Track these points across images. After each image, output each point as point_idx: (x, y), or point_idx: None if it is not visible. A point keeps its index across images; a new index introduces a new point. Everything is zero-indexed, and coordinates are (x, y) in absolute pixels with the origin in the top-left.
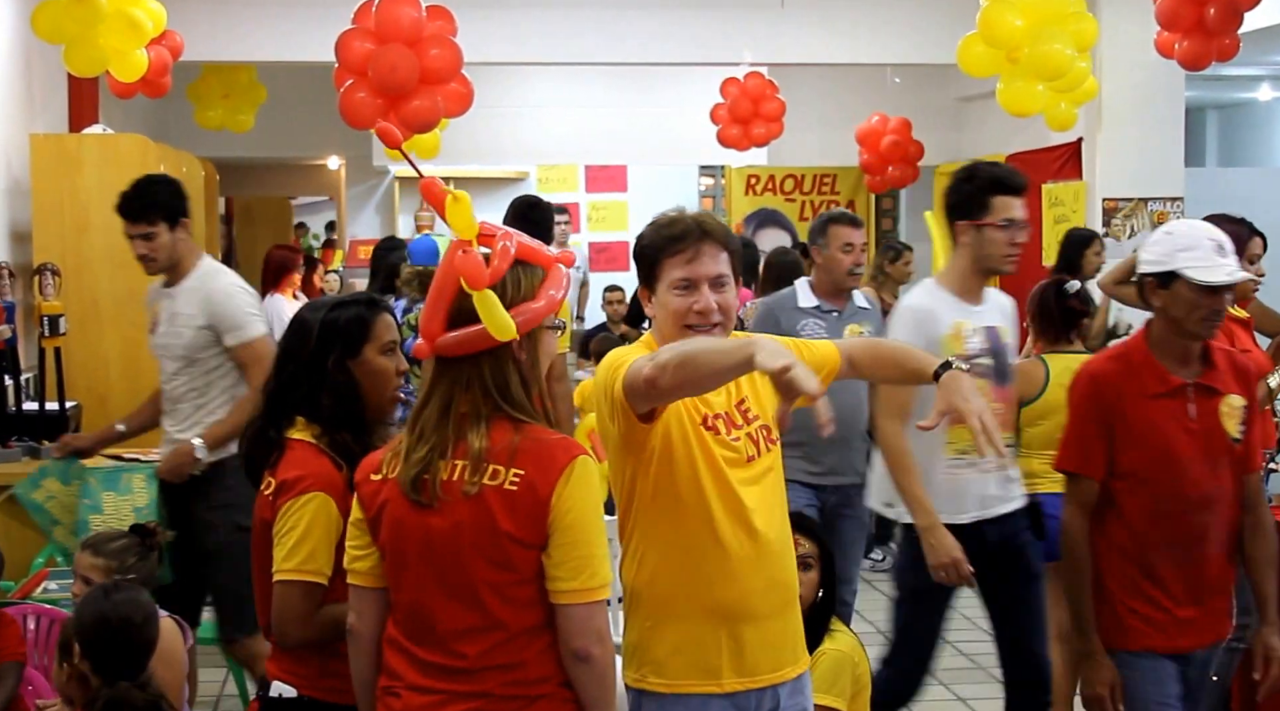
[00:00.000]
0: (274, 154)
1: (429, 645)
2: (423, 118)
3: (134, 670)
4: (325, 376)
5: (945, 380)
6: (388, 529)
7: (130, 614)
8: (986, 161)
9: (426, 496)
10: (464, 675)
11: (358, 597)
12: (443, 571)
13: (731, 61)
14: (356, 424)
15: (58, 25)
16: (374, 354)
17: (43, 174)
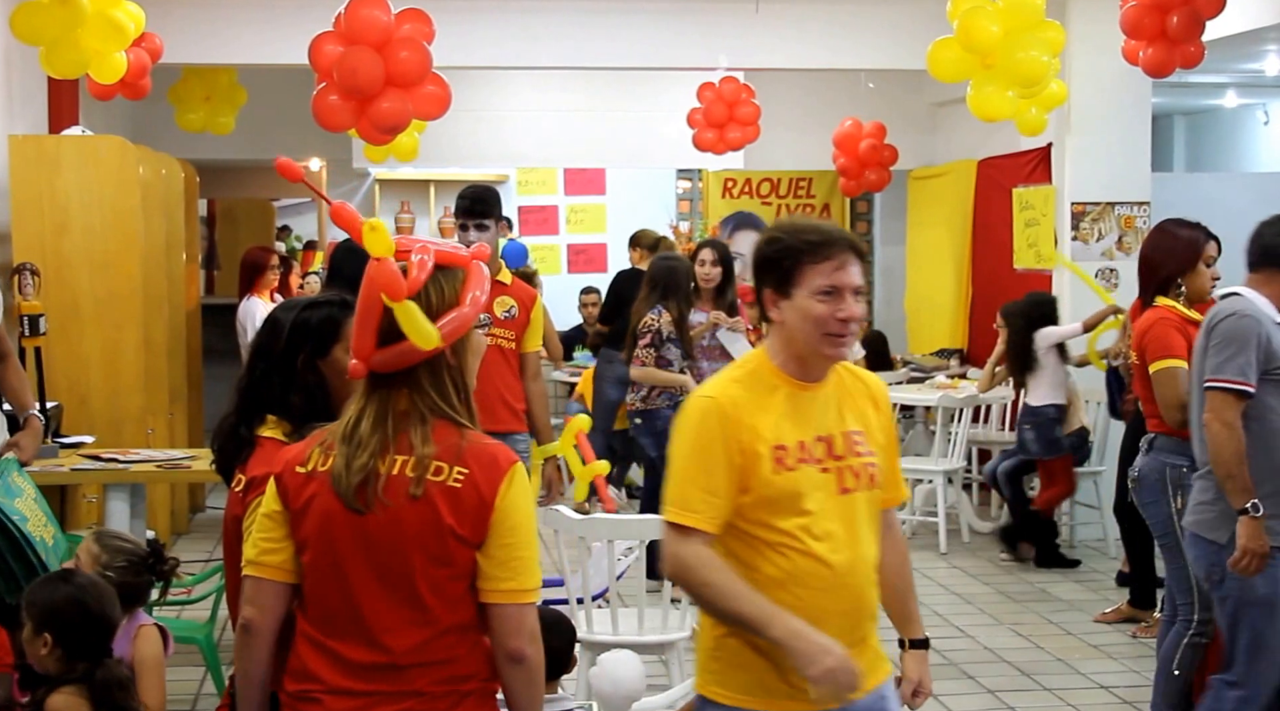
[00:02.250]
0: (255, 156)
1: (354, 641)
2: (390, 120)
3: (105, 650)
4: (295, 375)
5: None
6: (316, 522)
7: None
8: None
9: (364, 502)
10: (392, 672)
11: (261, 591)
12: (378, 565)
13: (707, 66)
14: (325, 422)
15: (37, 27)
16: (343, 354)
17: (21, 175)
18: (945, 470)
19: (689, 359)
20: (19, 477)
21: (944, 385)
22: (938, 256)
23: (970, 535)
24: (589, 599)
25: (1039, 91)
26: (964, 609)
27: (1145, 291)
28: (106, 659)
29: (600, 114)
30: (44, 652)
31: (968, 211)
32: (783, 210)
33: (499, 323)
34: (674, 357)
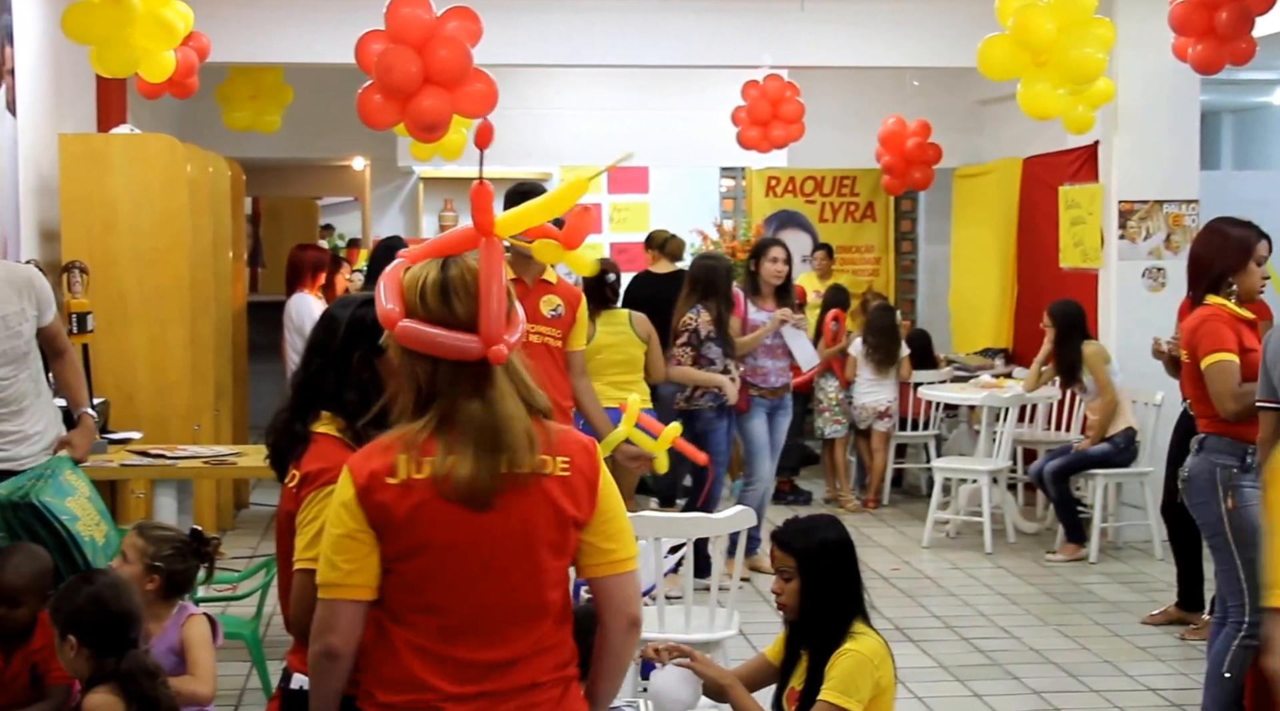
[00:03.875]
0: (300, 154)
1: (476, 642)
2: (429, 118)
3: (129, 643)
4: (350, 372)
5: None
6: (428, 530)
7: (114, 593)
8: None
9: (492, 503)
10: (511, 667)
11: (343, 615)
12: (504, 564)
13: (751, 64)
14: (380, 421)
15: (87, 26)
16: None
17: (71, 173)
18: (990, 470)
19: (731, 358)
20: (72, 475)
21: (989, 384)
22: (982, 255)
23: (1015, 535)
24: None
25: (1088, 89)
26: (1009, 609)
27: (1195, 290)
28: (131, 650)
29: (644, 112)
30: (73, 656)
31: (1013, 210)
32: (826, 208)
33: (546, 321)
34: (715, 356)
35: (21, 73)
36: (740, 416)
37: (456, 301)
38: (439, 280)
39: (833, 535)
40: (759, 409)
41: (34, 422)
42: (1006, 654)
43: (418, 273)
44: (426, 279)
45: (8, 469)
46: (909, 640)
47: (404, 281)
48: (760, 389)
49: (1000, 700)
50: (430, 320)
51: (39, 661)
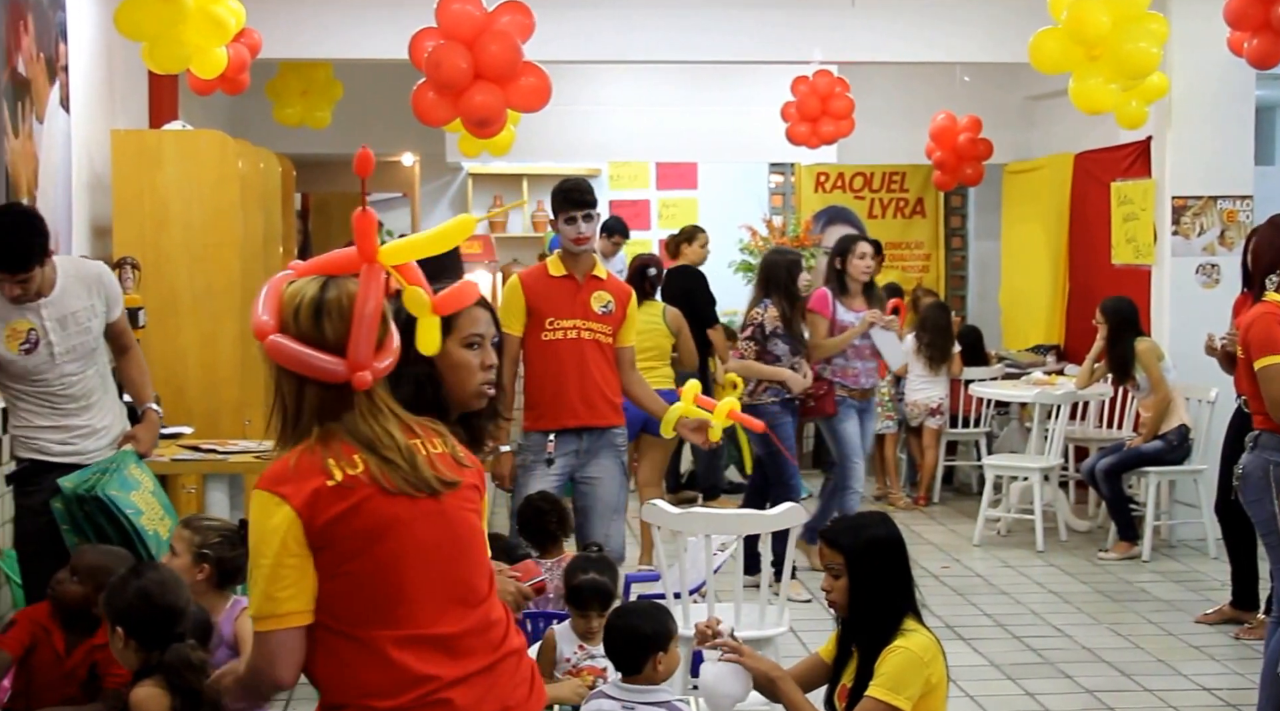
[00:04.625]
0: (350, 150)
1: (455, 610)
2: (480, 113)
3: (175, 636)
4: (406, 365)
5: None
6: (375, 520)
7: (164, 589)
8: None
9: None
10: (487, 638)
11: (288, 643)
12: (455, 535)
13: (801, 60)
14: (436, 414)
15: (140, 22)
16: (455, 346)
17: (123, 169)
18: (1042, 468)
19: (799, 354)
20: (137, 469)
21: (1041, 381)
22: (1033, 251)
23: (1067, 533)
24: (686, 593)
25: (1142, 83)
26: (1061, 608)
27: (1253, 285)
28: (175, 643)
29: (693, 108)
30: (122, 646)
31: (1064, 205)
32: (875, 204)
33: (596, 317)
34: (782, 353)
35: (75, 70)
36: (830, 420)
37: (328, 323)
38: (315, 299)
39: (882, 532)
40: (849, 410)
41: (101, 417)
42: (1059, 652)
43: (298, 289)
44: (304, 296)
45: (74, 463)
46: (960, 638)
47: (284, 295)
48: (849, 390)
49: (1053, 699)
50: (301, 338)
51: (100, 659)
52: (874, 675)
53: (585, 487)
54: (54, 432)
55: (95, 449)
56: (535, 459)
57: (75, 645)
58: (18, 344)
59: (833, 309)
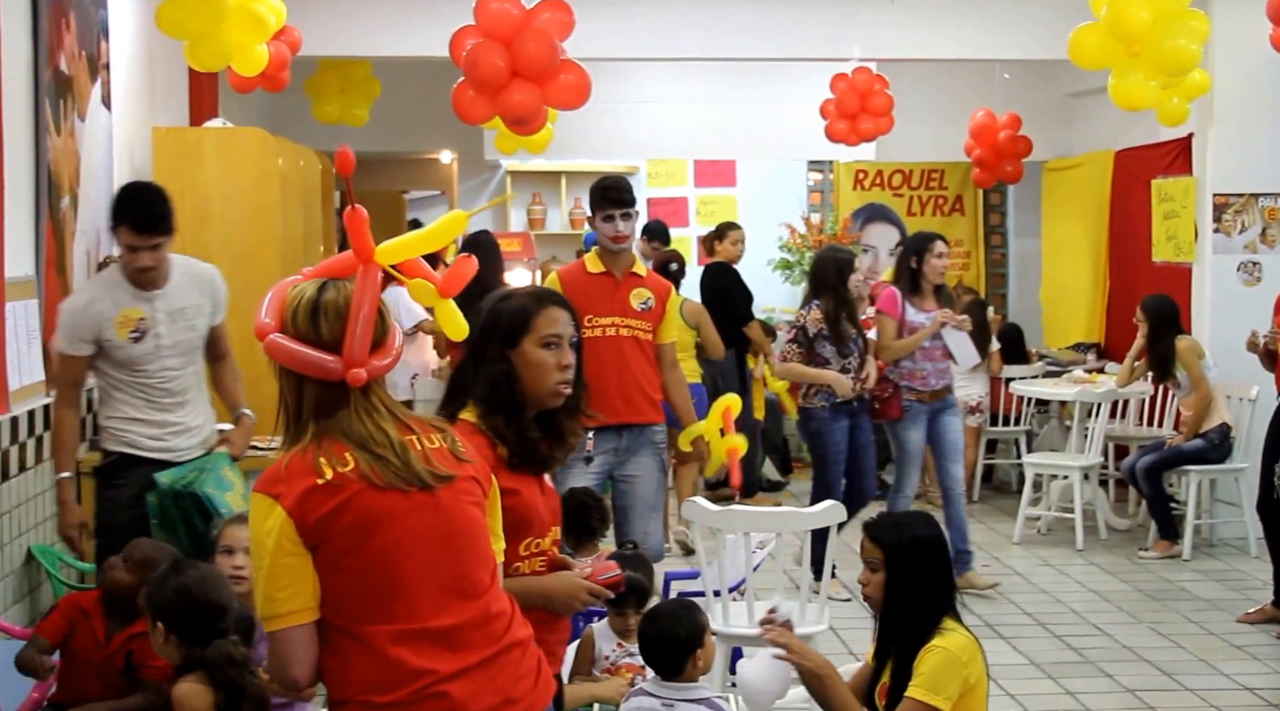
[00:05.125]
0: (388, 148)
1: (450, 612)
2: (518, 111)
3: (216, 633)
4: (485, 363)
5: None
6: (370, 514)
7: (204, 586)
8: None
9: (431, 479)
10: (488, 629)
11: (299, 640)
12: (453, 528)
13: (840, 57)
14: (511, 410)
15: (181, 21)
16: (532, 345)
17: (164, 166)
18: (1082, 466)
19: (847, 356)
20: (230, 472)
21: (1082, 380)
22: (1074, 249)
23: (1107, 532)
24: (725, 591)
25: (1182, 80)
26: (1101, 606)
27: None
28: (217, 640)
29: (731, 105)
30: (163, 642)
31: (1104, 203)
32: (914, 202)
33: (636, 314)
34: (830, 356)
35: (116, 67)
36: (894, 424)
37: (324, 322)
38: (312, 301)
39: (925, 533)
40: (917, 416)
41: (194, 416)
42: (1099, 651)
43: (299, 291)
44: (302, 298)
45: (164, 459)
46: (1000, 636)
47: (286, 298)
48: (919, 393)
49: (1093, 698)
50: (298, 338)
51: (136, 648)
52: (913, 675)
53: (624, 485)
54: (147, 427)
55: (185, 447)
56: (574, 456)
57: (115, 632)
58: (128, 331)
59: (902, 309)
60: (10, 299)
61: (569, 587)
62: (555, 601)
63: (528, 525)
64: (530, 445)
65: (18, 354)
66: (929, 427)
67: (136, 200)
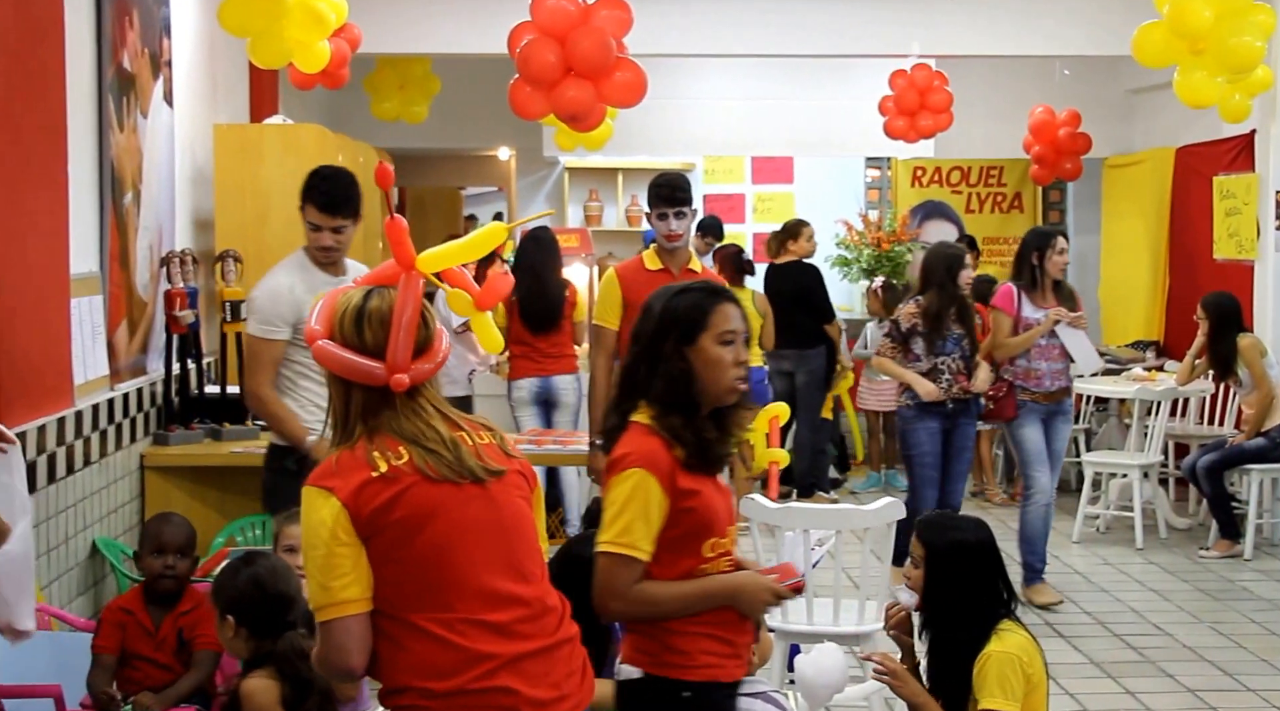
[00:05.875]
0: (446, 144)
1: (513, 600)
2: (571, 108)
3: (286, 624)
4: (661, 361)
5: None
6: (424, 505)
7: (275, 577)
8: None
9: (484, 473)
10: (544, 620)
11: (354, 629)
12: (506, 521)
13: (899, 53)
14: (688, 409)
15: (242, 19)
16: (710, 342)
17: (225, 163)
18: (1141, 465)
19: (941, 355)
20: None
21: (1141, 377)
22: (1133, 246)
23: (1167, 531)
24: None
25: (1247, 77)
26: (1161, 606)
27: None
28: (288, 632)
29: (789, 102)
30: (232, 636)
31: (1165, 200)
32: (973, 199)
33: None
34: (922, 354)
35: (178, 65)
36: (1009, 424)
37: (368, 329)
38: (357, 308)
39: (970, 537)
40: (1031, 415)
41: None
42: (1160, 651)
43: (345, 299)
44: (349, 306)
45: None
46: (1059, 636)
47: (335, 305)
48: (1033, 393)
49: (1154, 697)
50: (345, 344)
51: (185, 625)
52: (978, 690)
53: None
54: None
55: None
56: None
57: (162, 618)
58: None
59: (1018, 306)
60: (75, 295)
61: (757, 587)
62: (742, 601)
63: (710, 525)
64: (707, 445)
65: (83, 349)
66: (1042, 432)
67: (325, 181)
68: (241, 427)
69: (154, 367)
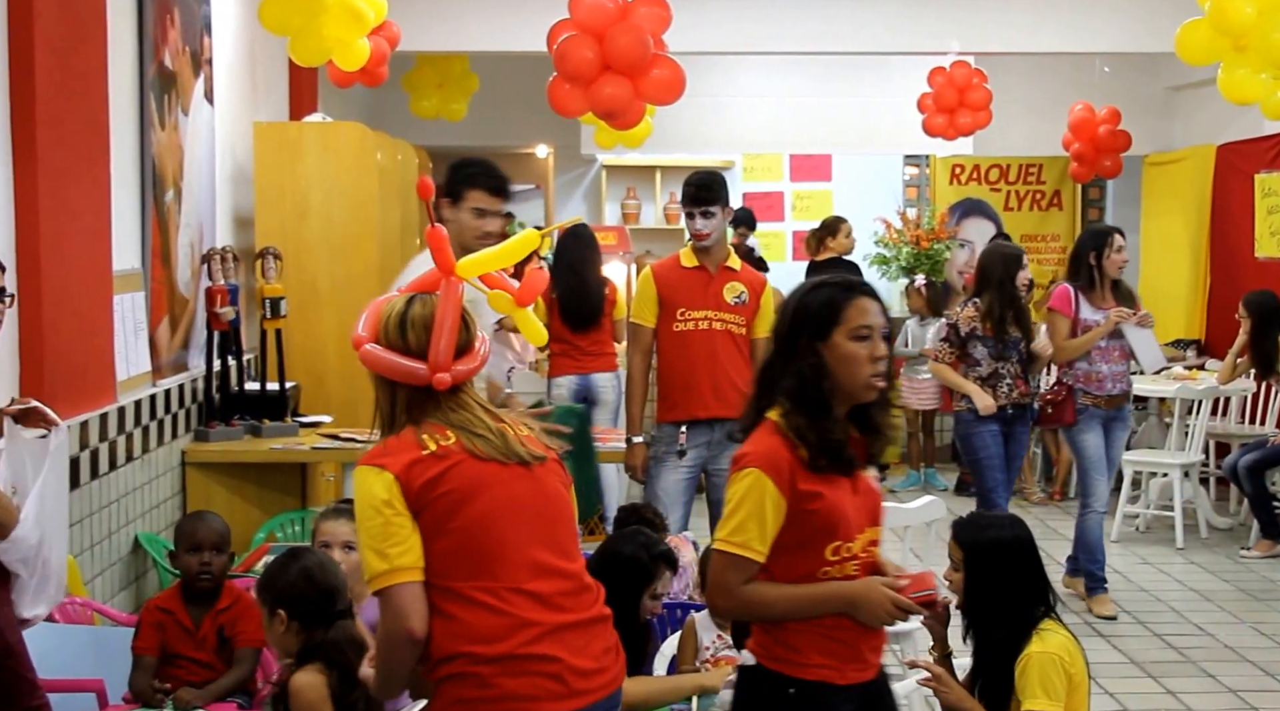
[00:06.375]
0: (485, 142)
1: (555, 573)
2: (608, 105)
3: (337, 615)
4: (794, 358)
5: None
6: (471, 479)
7: (324, 570)
8: None
9: (528, 456)
10: (583, 596)
11: (410, 595)
12: (546, 504)
13: (938, 50)
14: (817, 407)
15: (283, 17)
16: (843, 338)
17: (265, 161)
18: (1182, 464)
19: (1002, 360)
20: None
21: (1182, 376)
22: (1174, 244)
23: (1208, 530)
24: None
25: None
26: (1202, 606)
27: None
28: (340, 621)
29: (827, 99)
30: (282, 631)
31: (1205, 198)
32: (1011, 196)
33: (729, 308)
34: (981, 358)
35: (219, 63)
36: (1069, 430)
37: (411, 333)
38: (400, 313)
39: (1007, 534)
40: (1091, 420)
41: None
42: (1201, 651)
43: (390, 306)
44: (393, 312)
45: None
46: (1099, 635)
47: (380, 312)
48: (1094, 397)
49: (1195, 698)
50: (390, 347)
51: (225, 622)
52: (1020, 690)
53: (717, 479)
54: None
55: None
56: (667, 450)
57: (201, 617)
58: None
59: (1076, 307)
60: (118, 291)
61: (877, 600)
62: (860, 611)
63: (832, 529)
64: (832, 445)
65: (125, 345)
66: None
67: (486, 166)
68: (281, 424)
69: (195, 364)
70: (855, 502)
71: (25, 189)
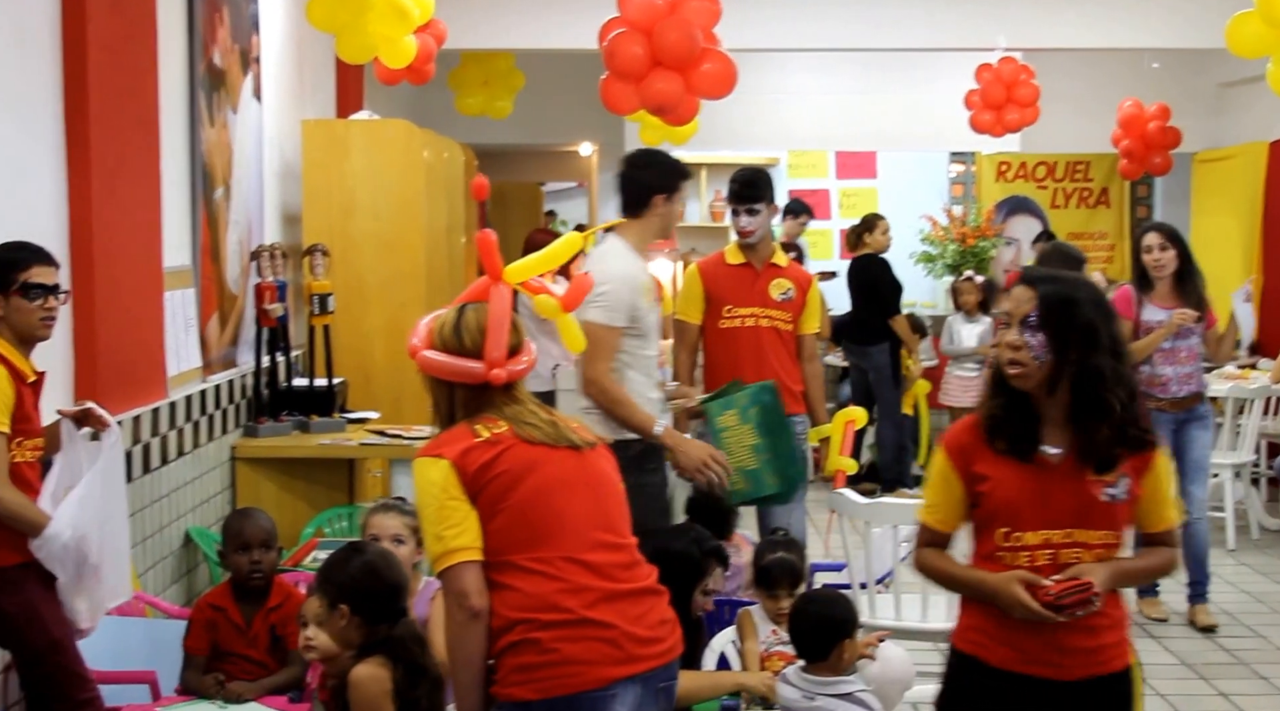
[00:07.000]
0: (529, 140)
1: (608, 547)
2: (657, 100)
3: (400, 611)
4: (1066, 367)
5: None
6: (524, 462)
7: (386, 563)
8: None
9: (580, 443)
10: (632, 569)
11: (470, 574)
12: (594, 483)
13: (985, 46)
14: (1098, 414)
15: (331, 15)
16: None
17: (313, 158)
18: (1234, 464)
19: None
20: None
21: (1233, 376)
22: (1224, 242)
23: (1260, 532)
24: (872, 583)
25: None
26: (1254, 608)
27: None
28: (404, 617)
29: (873, 96)
30: (344, 625)
31: (1257, 195)
32: (1058, 194)
33: (775, 305)
34: None
35: (267, 61)
36: None
37: (465, 335)
38: (454, 320)
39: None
40: (1159, 427)
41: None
42: (1253, 653)
43: (444, 316)
44: (447, 319)
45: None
46: (1150, 636)
47: (435, 321)
48: (1159, 400)
49: (1248, 700)
50: (445, 350)
51: (276, 621)
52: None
53: None
54: (653, 405)
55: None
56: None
57: (253, 614)
58: (652, 298)
59: (1137, 308)
60: (169, 287)
61: (1010, 598)
62: (999, 603)
63: (998, 514)
64: (1003, 428)
65: (176, 341)
66: (1172, 442)
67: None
68: (329, 420)
69: (244, 360)
70: (1042, 495)
71: (78, 187)
